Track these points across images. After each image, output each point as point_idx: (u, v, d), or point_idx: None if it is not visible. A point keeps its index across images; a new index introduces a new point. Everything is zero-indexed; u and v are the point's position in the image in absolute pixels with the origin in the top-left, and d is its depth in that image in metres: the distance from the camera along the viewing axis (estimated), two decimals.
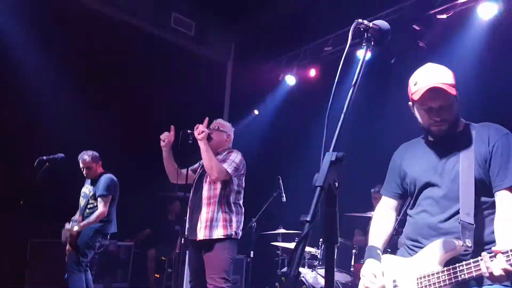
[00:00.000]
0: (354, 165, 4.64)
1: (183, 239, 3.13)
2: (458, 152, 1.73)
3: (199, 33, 6.66)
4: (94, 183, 4.29)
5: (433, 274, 1.59)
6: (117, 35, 5.65)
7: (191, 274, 3.29)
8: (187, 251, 3.26)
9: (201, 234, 3.08)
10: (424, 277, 1.62)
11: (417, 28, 4.78)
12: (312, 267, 4.29)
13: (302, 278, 3.91)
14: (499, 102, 4.06)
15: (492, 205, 1.67)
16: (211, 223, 3.08)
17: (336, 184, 1.14)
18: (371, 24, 1.43)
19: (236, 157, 3.23)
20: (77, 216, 4.33)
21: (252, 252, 4.60)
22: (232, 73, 7.39)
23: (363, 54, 1.38)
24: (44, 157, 4.03)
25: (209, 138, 3.23)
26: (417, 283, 1.63)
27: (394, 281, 1.73)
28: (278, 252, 4.74)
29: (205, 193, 3.16)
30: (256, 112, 6.93)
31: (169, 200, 6.26)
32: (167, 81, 6.07)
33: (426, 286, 1.60)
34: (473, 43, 4.46)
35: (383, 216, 2.02)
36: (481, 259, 1.45)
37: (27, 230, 4.67)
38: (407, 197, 1.97)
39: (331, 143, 1.20)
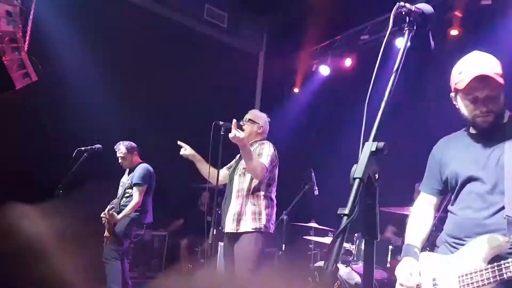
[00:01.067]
0: (391, 157, 4.49)
1: (215, 230, 3.12)
2: (503, 145, 1.63)
3: (231, 24, 6.66)
4: (131, 172, 4.39)
5: (476, 272, 1.51)
6: (151, 26, 5.74)
7: (225, 266, 3.30)
8: (222, 243, 3.26)
9: (229, 226, 3.09)
10: (467, 275, 1.54)
11: (459, 15, 4.53)
12: (346, 262, 4.20)
13: (337, 274, 3.84)
14: None
15: None
16: (239, 216, 3.07)
17: (377, 176, 1.07)
18: (413, 8, 1.34)
19: (269, 149, 3.19)
20: (114, 202, 4.44)
21: (283, 246, 4.56)
22: (264, 64, 7.34)
23: (405, 39, 1.30)
24: (83, 148, 4.15)
25: (240, 129, 3.20)
26: (459, 281, 1.55)
27: (434, 279, 1.64)
28: (310, 246, 4.68)
29: (235, 185, 3.17)
30: (296, 90, 6.80)
31: (200, 191, 6.32)
32: (200, 72, 6.12)
33: (468, 284, 1.52)
34: None
35: (421, 213, 1.93)
36: None
37: (63, 219, 4.83)
38: (447, 193, 1.88)
39: (371, 132, 1.13)
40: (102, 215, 4.19)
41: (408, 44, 1.31)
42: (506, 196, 1.56)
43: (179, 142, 3.43)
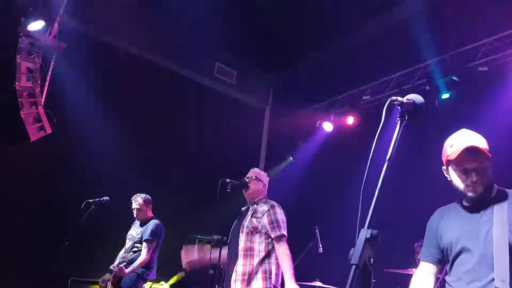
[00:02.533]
0: (396, 219, 4.53)
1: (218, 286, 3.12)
2: (492, 218, 1.72)
3: (239, 80, 7.00)
4: (142, 226, 4.38)
5: None
6: (164, 82, 6.06)
7: None
8: None
9: (237, 286, 3.06)
10: None
11: (457, 79, 4.77)
12: None
13: None
14: None
15: None
16: (250, 276, 3.05)
17: (371, 260, 1.17)
18: (405, 100, 1.48)
19: (281, 215, 3.23)
20: (121, 255, 4.43)
21: None
22: (269, 118, 7.58)
23: (397, 129, 1.44)
24: (91, 200, 4.23)
25: (246, 187, 3.33)
26: None
27: None
28: None
29: (241, 244, 3.13)
30: (290, 158, 6.99)
31: (202, 243, 6.29)
32: (209, 126, 6.39)
33: None
34: None
35: (421, 282, 1.98)
36: None
37: (69, 269, 4.85)
38: (446, 261, 1.93)
39: (366, 218, 1.24)
40: (111, 267, 4.16)
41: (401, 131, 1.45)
42: (495, 269, 1.62)
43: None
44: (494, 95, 4.58)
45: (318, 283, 4.40)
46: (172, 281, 5.36)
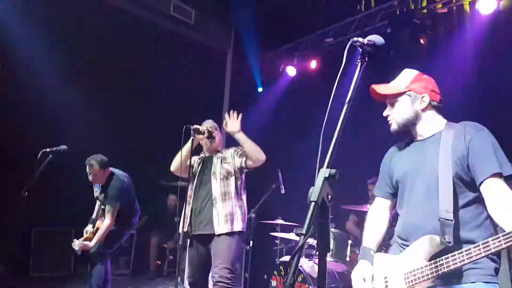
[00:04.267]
0: (352, 155, 4.74)
1: (182, 233, 3.20)
2: (437, 151, 1.79)
3: (198, 21, 6.67)
4: (104, 188, 4.19)
5: (417, 269, 1.68)
6: (116, 22, 5.66)
7: (191, 270, 3.37)
8: (187, 247, 3.33)
9: (222, 228, 3.18)
10: (410, 272, 1.70)
11: (417, 22, 4.80)
12: (309, 256, 4.43)
13: (299, 267, 4.04)
14: (497, 100, 4.11)
15: (474, 201, 1.73)
16: (232, 216, 3.22)
17: (329, 197, 1.23)
18: (365, 41, 1.48)
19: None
20: (93, 217, 4.36)
21: (251, 242, 4.72)
22: (232, 62, 7.40)
23: (357, 71, 1.45)
24: (48, 149, 4.09)
25: (211, 137, 3.35)
26: (405, 278, 1.72)
27: (385, 277, 1.81)
28: (276, 241, 4.87)
29: (218, 189, 3.26)
30: (260, 89, 6.94)
31: (167, 190, 6.36)
32: (167, 70, 6.12)
33: (412, 280, 1.68)
34: (474, 39, 4.49)
35: (376, 217, 2.10)
36: (459, 252, 1.55)
37: (30, 219, 4.79)
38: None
39: (325, 158, 1.28)
40: (74, 246, 3.97)
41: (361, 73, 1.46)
42: (439, 199, 1.72)
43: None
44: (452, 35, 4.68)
45: (279, 221, 4.63)
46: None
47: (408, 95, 1.90)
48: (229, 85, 7.15)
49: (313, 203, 1.18)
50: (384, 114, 1.97)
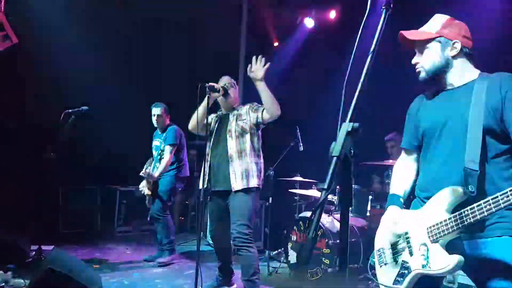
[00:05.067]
0: (373, 113, 4.64)
1: (202, 189, 3.26)
2: (468, 101, 1.70)
3: None
4: (162, 133, 4.68)
5: (441, 222, 1.63)
6: None
7: (212, 225, 3.50)
8: (209, 202, 3.43)
9: (238, 185, 3.26)
10: (434, 226, 1.65)
11: None
12: (328, 212, 4.48)
13: (319, 223, 4.10)
14: None
15: (502, 154, 1.66)
16: (248, 173, 3.27)
17: (352, 152, 1.20)
18: None
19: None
20: (148, 166, 4.78)
21: (270, 198, 4.80)
22: (247, 16, 7.14)
23: (382, 19, 1.36)
24: (70, 110, 4.17)
25: (226, 94, 3.33)
26: (427, 232, 1.67)
27: (407, 233, 1.78)
28: (295, 198, 4.93)
29: (233, 147, 3.30)
30: (276, 44, 6.75)
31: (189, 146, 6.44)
32: (181, 24, 5.99)
33: (435, 234, 1.64)
34: None
35: (403, 168, 2.03)
36: (485, 201, 1.49)
37: (58, 179, 4.96)
38: None
39: (348, 112, 1.24)
40: (141, 174, 4.55)
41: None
42: (467, 149, 1.65)
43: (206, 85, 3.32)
44: None
45: (298, 178, 4.66)
46: None
47: (439, 41, 1.78)
48: (245, 39, 6.93)
49: (335, 158, 1.15)
50: (413, 61, 1.86)
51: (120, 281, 3.81)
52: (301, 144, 4.52)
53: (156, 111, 4.65)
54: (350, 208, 4.02)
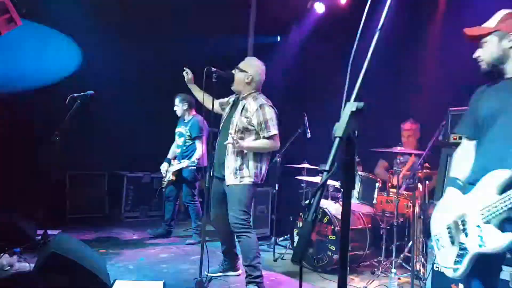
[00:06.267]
0: (382, 99, 4.55)
1: (208, 175, 3.25)
2: None
3: None
4: (186, 124, 4.97)
5: (491, 204, 1.71)
6: None
7: (215, 205, 3.49)
8: (212, 186, 3.41)
9: (230, 179, 3.24)
10: (485, 208, 1.73)
11: None
12: (335, 199, 4.44)
13: (325, 210, 4.07)
14: None
15: None
16: (242, 172, 3.23)
17: (356, 133, 1.14)
18: None
19: (270, 113, 3.25)
20: (173, 150, 5.13)
21: (277, 185, 4.76)
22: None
23: None
24: (75, 94, 4.14)
25: (231, 78, 3.36)
26: (480, 214, 1.75)
27: (462, 215, 1.85)
28: (302, 185, 4.89)
29: (231, 139, 3.20)
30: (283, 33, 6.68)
31: None
32: (191, 8, 5.90)
33: (487, 216, 1.71)
34: None
35: (464, 154, 2.06)
36: None
37: (64, 164, 4.97)
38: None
39: (353, 91, 1.18)
40: (172, 162, 4.97)
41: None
42: None
43: (185, 68, 3.64)
44: None
45: (305, 165, 4.61)
46: None
47: (496, 34, 1.89)
48: (254, 25, 6.80)
49: (337, 139, 1.10)
50: (474, 55, 1.97)
51: (125, 266, 3.83)
52: (309, 131, 4.46)
53: (175, 101, 5.02)
54: (357, 196, 3.98)
